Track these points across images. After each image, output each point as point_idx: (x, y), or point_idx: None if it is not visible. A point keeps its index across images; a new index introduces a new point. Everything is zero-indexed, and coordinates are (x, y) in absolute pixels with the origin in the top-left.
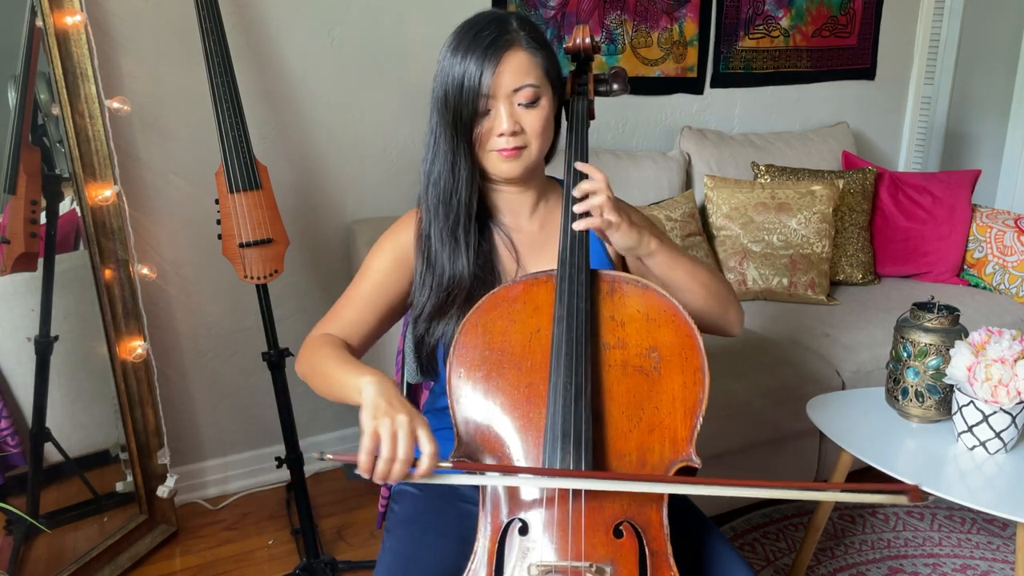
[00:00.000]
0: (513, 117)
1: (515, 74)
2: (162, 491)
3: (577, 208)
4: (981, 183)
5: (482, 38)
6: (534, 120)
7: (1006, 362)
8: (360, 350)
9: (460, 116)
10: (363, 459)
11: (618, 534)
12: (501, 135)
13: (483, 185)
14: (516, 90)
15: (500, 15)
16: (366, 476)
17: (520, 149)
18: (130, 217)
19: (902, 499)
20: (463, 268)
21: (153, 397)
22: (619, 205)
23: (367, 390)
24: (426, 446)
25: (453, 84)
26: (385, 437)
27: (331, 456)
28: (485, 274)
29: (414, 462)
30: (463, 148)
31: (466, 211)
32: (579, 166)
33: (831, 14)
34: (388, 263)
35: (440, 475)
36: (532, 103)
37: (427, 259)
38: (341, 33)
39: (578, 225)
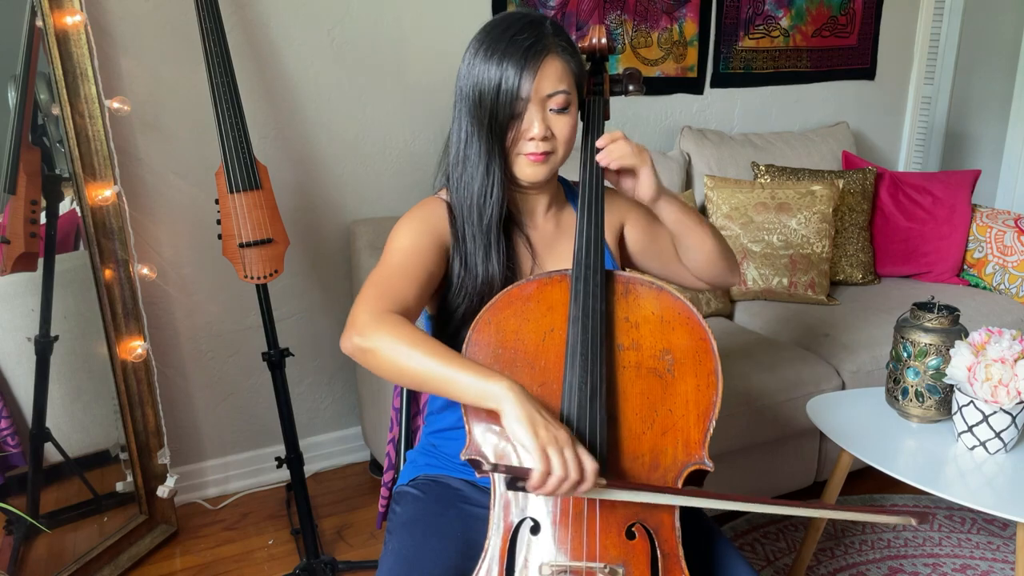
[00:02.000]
0: (545, 122)
1: (551, 80)
2: (162, 491)
3: (600, 155)
4: (981, 183)
5: (519, 42)
6: (564, 126)
7: (1006, 362)
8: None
9: (496, 119)
10: (536, 477)
11: (630, 535)
12: (532, 139)
13: None
14: (550, 95)
15: (534, 18)
16: (532, 491)
17: (548, 154)
18: (130, 217)
19: (911, 520)
20: (495, 269)
21: (153, 397)
22: (642, 149)
23: (511, 399)
24: (588, 463)
25: (490, 87)
26: (555, 456)
27: (500, 466)
28: (509, 274)
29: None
30: (497, 150)
31: (498, 213)
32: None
33: (831, 14)
34: (427, 241)
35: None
36: (563, 109)
37: (464, 261)
38: (341, 33)
39: (602, 158)
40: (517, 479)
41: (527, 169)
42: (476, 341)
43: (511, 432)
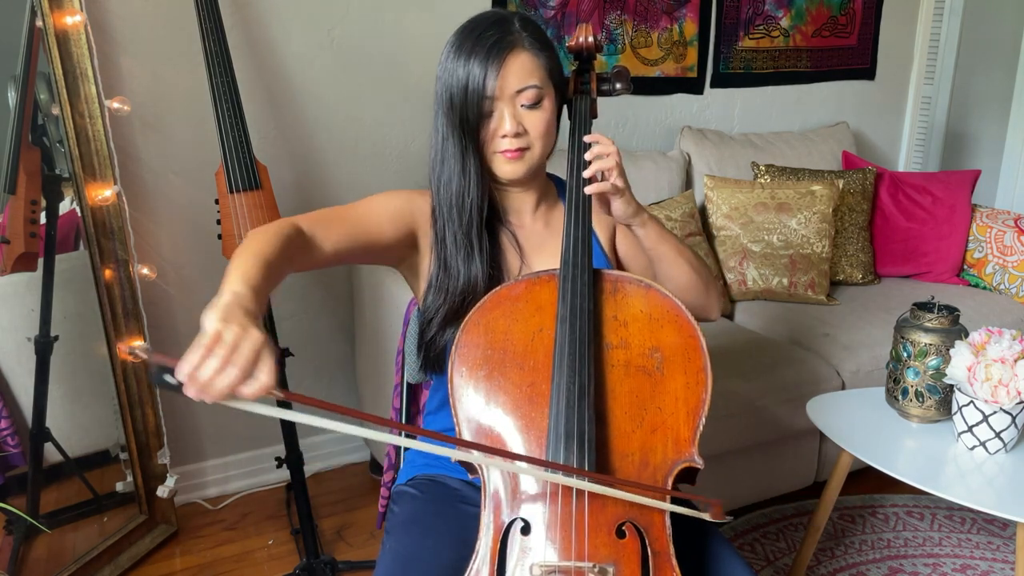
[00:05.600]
0: (516, 119)
1: (518, 75)
2: (162, 491)
3: (588, 171)
4: (981, 183)
5: (485, 39)
6: (537, 121)
7: (1006, 362)
8: (325, 259)
9: (466, 118)
10: (193, 358)
11: (620, 534)
12: (504, 136)
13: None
14: (519, 91)
15: (502, 15)
16: (180, 380)
17: (523, 150)
18: (130, 217)
19: (704, 515)
20: (478, 272)
21: (153, 397)
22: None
23: (224, 298)
24: (264, 375)
25: (458, 86)
26: (227, 341)
27: (153, 355)
28: (495, 274)
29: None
30: (471, 149)
31: (478, 213)
32: (588, 138)
33: (831, 14)
34: (395, 209)
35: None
36: (535, 104)
37: (443, 263)
38: (341, 33)
39: (589, 189)
40: (165, 370)
41: (504, 167)
42: (465, 342)
43: (202, 321)
